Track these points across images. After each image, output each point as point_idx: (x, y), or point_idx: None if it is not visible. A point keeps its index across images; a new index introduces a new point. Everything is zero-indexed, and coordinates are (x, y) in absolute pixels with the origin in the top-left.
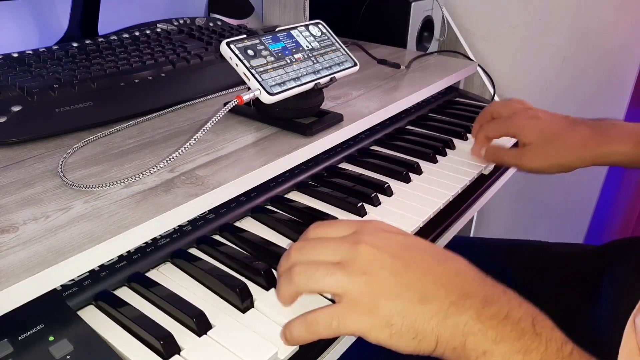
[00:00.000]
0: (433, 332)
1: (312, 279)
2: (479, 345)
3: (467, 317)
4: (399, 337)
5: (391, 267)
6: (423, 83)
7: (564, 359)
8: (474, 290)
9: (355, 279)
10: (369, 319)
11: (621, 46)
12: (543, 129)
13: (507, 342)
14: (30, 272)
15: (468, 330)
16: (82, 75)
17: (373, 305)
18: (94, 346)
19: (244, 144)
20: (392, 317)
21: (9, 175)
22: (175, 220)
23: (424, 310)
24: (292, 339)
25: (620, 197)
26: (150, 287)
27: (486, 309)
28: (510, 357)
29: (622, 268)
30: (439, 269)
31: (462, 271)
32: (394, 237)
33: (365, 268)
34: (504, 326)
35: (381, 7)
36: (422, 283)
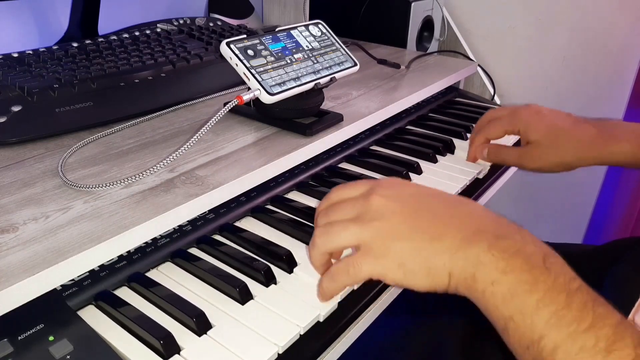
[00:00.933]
0: (445, 266)
1: (329, 237)
2: (488, 276)
3: (479, 249)
4: (414, 276)
5: (401, 213)
6: (423, 83)
7: (570, 292)
8: (486, 226)
9: (367, 227)
10: (383, 261)
11: (621, 46)
12: (548, 125)
13: (516, 273)
14: (30, 272)
15: (479, 262)
16: (82, 75)
17: (385, 249)
18: (94, 346)
19: (244, 144)
20: (404, 257)
21: (9, 175)
22: (175, 220)
23: (435, 247)
24: (323, 293)
25: (619, 197)
26: (150, 287)
27: (498, 243)
28: (517, 287)
29: (621, 268)
30: (451, 211)
31: (475, 212)
32: (406, 188)
33: (376, 215)
34: (515, 259)
35: (381, 7)
36: (433, 224)
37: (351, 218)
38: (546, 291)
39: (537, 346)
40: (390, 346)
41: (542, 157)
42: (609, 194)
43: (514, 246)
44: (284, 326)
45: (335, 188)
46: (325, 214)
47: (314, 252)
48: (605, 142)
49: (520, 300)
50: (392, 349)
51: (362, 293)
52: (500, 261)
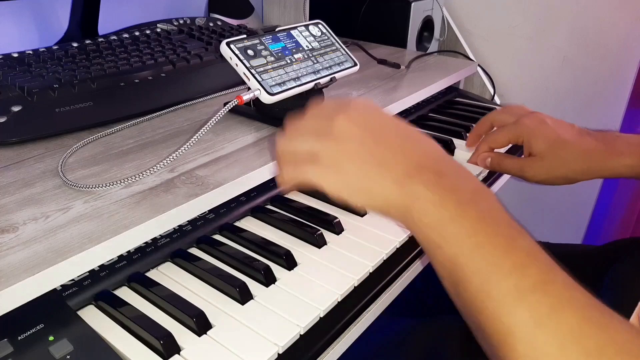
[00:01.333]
0: (384, 193)
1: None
2: (421, 207)
3: (417, 184)
4: (355, 193)
5: (360, 138)
6: (423, 83)
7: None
8: (429, 162)
9: (326, 143)
10: (334, 177)
11: (621, 46)
12: (553, 137)
13: (446, 206)
14: (30, 272)
15: (415, 195)
16: (82, 75)
17: (334, 164)
18: (94, 346)
19: (244, 144)
20: (349, 177)
21: (9, 175)
22: (175, 220)
23: (379, 173)
24: (283, 181)
25: (620, 197)
26: (150, 287)
27: (436, 179)
28: (445, 218)
29: (622, 268)
30: (403, 143)
31: (423, 148)
32: (372, 114)
33: (337, 136)
34: (448, 195)
35: (381, 7)
36: (384, 153)
37: (313, 131)
38: (470, 223)
39: (457, 269)
40: (390, 346)
41: (545, 170)
42: (609, 194)
43: (450, 184)
44: (284, 326)
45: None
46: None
47: (282, 179)
48: (608, 155)
49: (446, 229)
50: (392, 349)
51: (362, 294)
52: (435, 196)
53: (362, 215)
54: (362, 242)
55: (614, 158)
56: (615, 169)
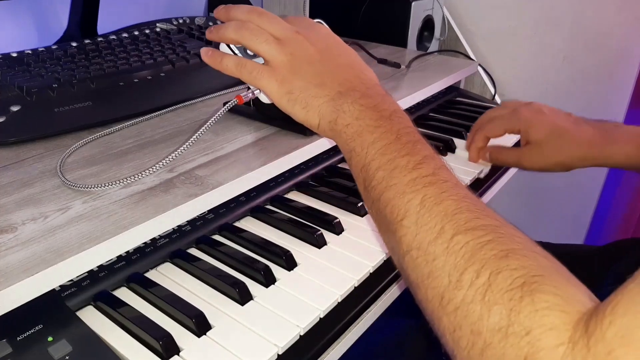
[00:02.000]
0: (319, 107)
1: (254, 38)
2: (345, 120)
3: (344, 102)
4: (294, 105)
5: (311, 58)
6: (423, 83)
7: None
8: (360, 88)
9: (283, 55)
10: (279, 85)
11: (621, 46)
12: (549, 125)
13: (365, 120)
14: (29, 273)
15: (342, 110)
16: (81, 75)
17: (285, 78)
18: (93, 347)
19: (244, 144)
20: (294, 89)
21: (8, 175)
22: (174, 221)
23: (317, 92)
24: (221, 63)
25: (621, 197)
26: (149, 287)
27: (361, 99)
28: (363, 128)
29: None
30: (345, 69)
31: (362, 76)
32: (327, 38)
33: (293, 51)
34: (368, 111)
35: (381, 7)
36: (326, 75)
37: (276, 37)
38: (382, 133)
39: (367, 168)
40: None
41: (542, 157)
42: (611, 194)
43: (372, 103)
44: (284, 327)
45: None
46: (260, 16)
47: (232, 34)
48: (604, 143)
49: (362, 137)
50: (392, 350)
51: (362, 294)
52: (357, 112)
53: (362, 216)
54: (362, 242)
55: (611, 146)
56: (612, 157)
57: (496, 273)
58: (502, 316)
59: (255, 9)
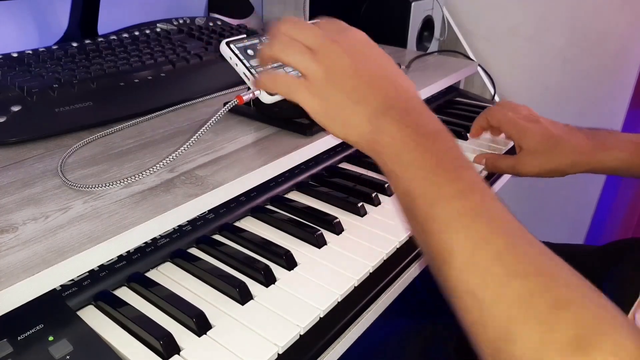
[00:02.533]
0: (357, 125)
1: (286, 50)
2: (385, 140)
3: (386, 121)
4: (332, 122)
5: (347, 69)
6: (423, 83)
7: (441, 155)
8: (399, 103)
9: (317, 67)
10: (316, 100)
11: (621, 46)
12: (543, 132)
13: (406, 140)
14: (29, 272)
15: (382, 130)
16: (81, 75)
17: (323, 93)
18: (94, 346)
19: (244, 144)
20: (331, 106)
21: (9, 175)
22: (175, 220)
23: (356, 109)
24: (257, 81)
25: (621, 197)
26: (150, 287)
27: (403, 118)
28: (403, 147)
29: (622, 268)
30: (383, 83)
31: (401, 89)
32: (365, 48)
33: (329, 62)
34: (409, 130)
35: (381, 7)
36: (365, 90)
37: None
38: (423, 154)
39: (408, 194)
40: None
41: (536, 165)
42: (611, 194)
43: (413, 121)
44: (284, 326)
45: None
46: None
47: (267, 51)
48: (597, 150)
49: (402, 159)
50: (392, 350)
51: (362, 294)
52: (396, 131)
53: (362, 216)
54: (362, 242)
55: (604, 152)
56: (605, 162)
57: (550, 329)
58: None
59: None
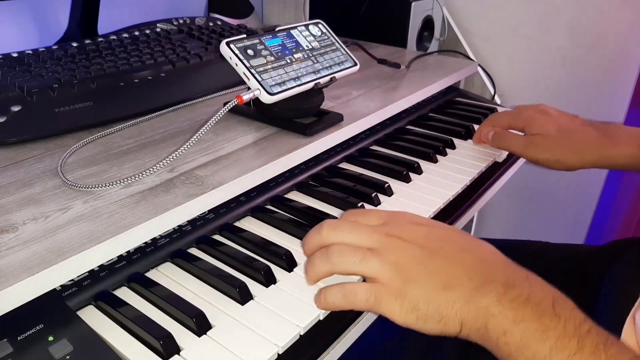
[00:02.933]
0: (457, 315)
1: (349, 261)
2: (499, 326)
3: (489, 301)
4: (425, 321)
5: (418, 257)
6: (423, 83)
7: (581, 337)
8: (497, 275)
9: (387, 266)
10: (399, 303)
11: (621, 46)
12: (555, 123)
13: (527, 322)
14: (29, 272)
15: (489, 313)
16: (81, 75)
17: (402, 291)
18: (94, 346)
19: (244, 144)
20: (419, 303)
21: (9, 175)
22: (175, 220)
23: (447, 296)
24: (326, 303)
25: (621, 197)
26: (149, 287)
27: (508, 293)
28: (528, 336)
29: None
30: (463, 256)
31: (485, 258)
32: (421, 229)
33: (395, 257)
34: (524, 308)
35: (381, 7)
36: (446, 271)
37: (369, 248)
38: (557, 338)
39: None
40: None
41: (546, 150)
42: (611, 194)
43: (523, 294)
44: (284, 326)
45: (348, 211)
46: (336, 229)
47: (325, 267)
48: (606, 144)
49: (532, 349)
50: (392, 350)
51: None
52: (510, 311)
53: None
54: None
55: (614, 148)
56: (614, 158)
57: None
58: None
59: (326, 224)
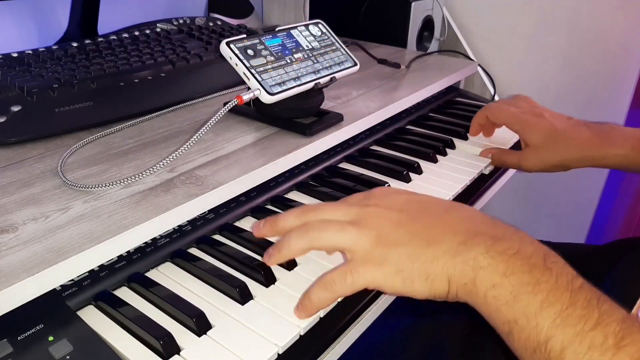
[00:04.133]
0: (443, 271)
1: (325, 234)
2: (488, 279)
3: (476, 253)
4: (412, 282)
5: (398, 220)
6: (423, 83)
7: (573, 291)
8: (483, 229)
9: (366, 233)
10: (381, 269)
11: (621, 46)
12: (548, 127)
13: (517, 275)
14: (29, 272)
15: (477, 265)
16: (81, 75)
17: (383, 256)
18: (94, 346)
19: (244, 144)
20: (402, 263)
21: (9, 175)
22: (175, 220)
23: (432, 252)
24: (312, 305)
25: (622, 196)
26: (150, 287)
27: (496, 245)
28: (519, 288)
29: (623, 268)
30: (446, 216)
31: (470, 216)
32: (400, 196)
33: (374, 224)
34: (514, 260)
35: (381, 7)
36: (429, 229)
37: (348, 221)
38: (549, 291)
39: (544, 348)
40: (391, 346)
41: (540, 160)
42: (612, 194)
43: (513, 247)
44: (284, 326)
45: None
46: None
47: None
48: (601, 145)
49: (523, 302)
50: (393, 349)
51: (362, 293)
52: (500, 263)
53: None
54: None
55: (608, 148)
56: (609, 158)
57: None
58: None
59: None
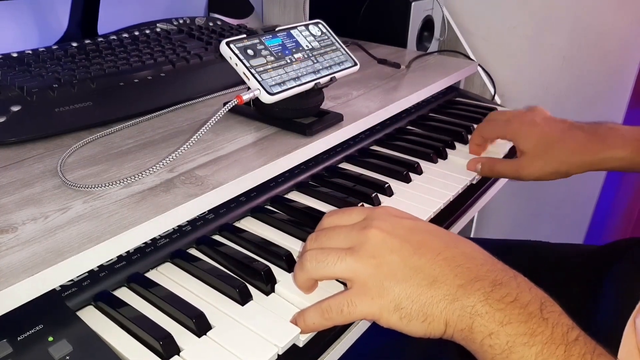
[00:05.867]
0: (442, 314)
1: (322, 264)
2: (485, 327)
3: (475, 300)
4: (409, 320)
5: (400, 251)
6: (423, 83)
7: (569, 344)
8: (483, 274)
9: (365, 263)
10: (379, 301)
11: (621, 46)
12: (541, 135)
13: (514, 324)
14: (29, 273)
15: (475, 312)
16: (81, 75)
17: (382, 289)
18: (93, 347)
19: (244, 144)
20: (402, 301)
21: (8, 175)
22: (174, 221)
23: (432, 294)
24: (306, 326)
25: (620, 197)
26: (149, 287)
27: (494, 292)
28: (515, 339)
29: (622, 268)
30: (448, 252)
31: (472, 255)
32: (404, 222)
33: (375, 252)
34: (512, 309)
35: (381, 7)
36: (431, 267)
37: (346, 248)
38: (544, 344)
39: None
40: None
41: (538, 168)
42: (610, 194)
43: (511, 294)
44: (284, 327)
45: (328, 214)
46: (316, 238)
47: (302, 275)
48: (596, 148)
49: (518, 353)
50: (393, 350)
51: None
52: (497, 312)
53: None
54: None
55: (605, 151)
56: (607, 161)
57: None
58: None
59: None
